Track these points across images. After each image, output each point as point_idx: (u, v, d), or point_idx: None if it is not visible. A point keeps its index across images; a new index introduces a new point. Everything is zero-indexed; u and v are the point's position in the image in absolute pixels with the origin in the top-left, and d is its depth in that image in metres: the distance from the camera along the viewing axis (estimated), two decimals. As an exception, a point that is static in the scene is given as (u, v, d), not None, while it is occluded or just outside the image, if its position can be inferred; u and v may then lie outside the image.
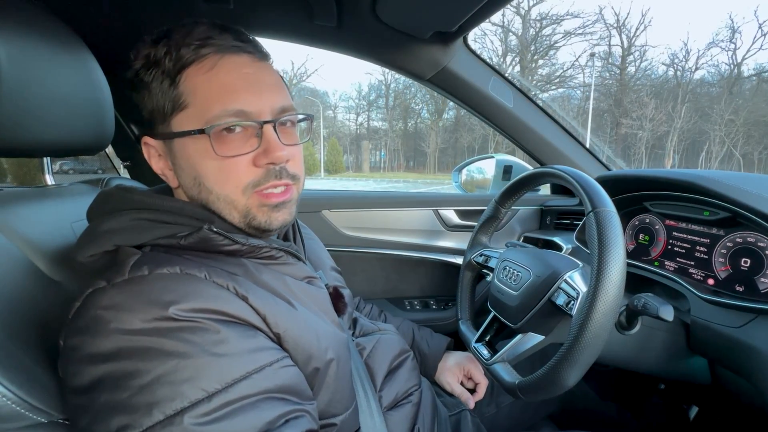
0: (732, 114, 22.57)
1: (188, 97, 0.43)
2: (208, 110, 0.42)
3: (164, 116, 0.44)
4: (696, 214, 0.72)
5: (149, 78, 0.43)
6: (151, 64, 0.43)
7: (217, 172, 0.44)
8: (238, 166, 0.44)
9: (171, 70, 0.42)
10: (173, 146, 0.45)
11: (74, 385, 0.35)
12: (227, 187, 0.44)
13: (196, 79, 0.42)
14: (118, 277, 0.38)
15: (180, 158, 0.45)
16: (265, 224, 0.46)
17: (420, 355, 0.81)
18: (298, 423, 0.39)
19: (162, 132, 0.45)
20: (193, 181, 0.45)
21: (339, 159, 29.94)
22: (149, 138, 0.47)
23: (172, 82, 0.42)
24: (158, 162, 0.48)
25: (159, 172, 0.49)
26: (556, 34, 25.89)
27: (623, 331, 0.60)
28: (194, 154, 0.44)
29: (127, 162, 1.22)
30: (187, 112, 0.43)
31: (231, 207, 0.45)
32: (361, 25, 0.84)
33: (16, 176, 3.25)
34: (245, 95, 0.43)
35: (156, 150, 0.48)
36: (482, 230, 0.82)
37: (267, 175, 0.45)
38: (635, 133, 24.27)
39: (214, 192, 0.44)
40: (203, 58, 0.42)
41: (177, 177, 0.47)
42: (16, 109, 0.44)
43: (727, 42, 24.73)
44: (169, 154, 0.47)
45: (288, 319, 0.44)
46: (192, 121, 0.43)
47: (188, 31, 0.43)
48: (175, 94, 0.43)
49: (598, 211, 0.51)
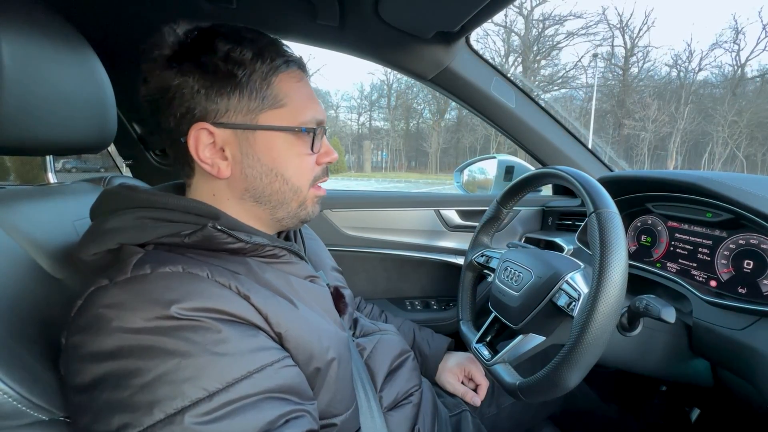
0: (735, 115, 22.48)
1: (284, 98, 0.47)
2: (301, 114, 0.49)
3: (249, 110, 0.46)
4: (698, 216, 0.72)
5: (239, 72, 0.45)
6: (238, 61, 0.44)
7: (297, 166, 0.50)
8: (310, 163, 0.51)
9: (266, 71, 0.46)
10: (252, 137, 0.47)
11: (75, 383, 0.35)
12: (302, 179, 0.51)
13: (289, 86, 0.48)
14: (121, 275, 0.38)
15: (260, 149, 0.47)
16: (311, 214, 0.54)
17: (421, 356, 0.81)
18: (298, 423, 0.39)
19: (240, 123, 0.46)
20: (268, 170, 0.48)
21: (341, 159, 29.96)
22: (209, 125, 0.45)
23: (265, 82, 0.46)
24: (207, 150, 0.46)
25: (206, 161, 0.46)
26: (558, 34, 25.86)
27: (625, 333, 0.59)
28: (280, 147, 0.48)
29: (129, 160, 1.22)
30: (282, 110, 0.48)
31: (295, 197, 0.51)
32: (363, 24, 0.84)
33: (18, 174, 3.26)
34: (319, 107, 0.51)
35: (212, 137, 0.46)
36: (484, 231, 0.82)
37: (324, 172, 0.54)
38: (638, 134, 24.21)
39: (289, 182, 0.50)
40: (291, 70, 0.49)
41: (240, 166, 0.47)
42: (19, 107, 0.44)
43: (730, 43, 24.65)
44: (236, 144, 0.46)
45: (290, 318, 0.44)
46: (285, 119, 0.48)
47: (273, 41, 0.48)
48: (269, 94, 0.47)
49: (600, 212, 0.51)
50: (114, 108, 0.59)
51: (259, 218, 0.51)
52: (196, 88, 0.44)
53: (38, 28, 0.47)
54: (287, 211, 0.51)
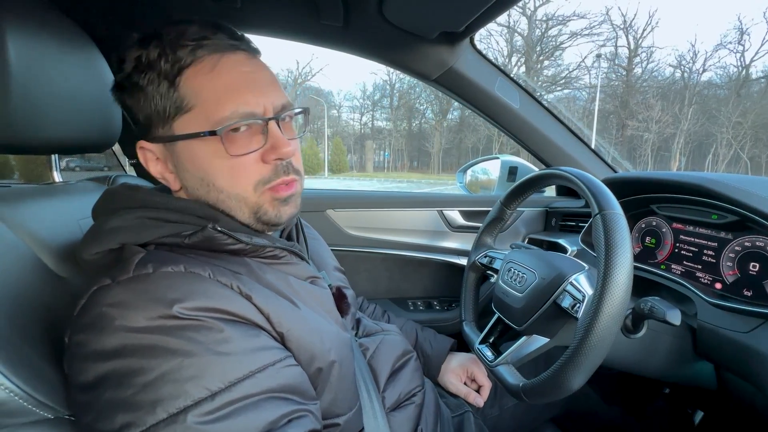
0: (740, 116, 22.36)
1: (192, 99, 0.42)
2: (215, 112, 0.42)
3: (164, 119, 0.43)
4: (704, 218, 0.71)
5: (144, 81, 0.42)
6: (144, 66, 0.42)
7: (228, 172, 0.44)
8: (248, 163, 0.44)
9: (169, 72, 0.42)
10: (176, 149, 0.44)
11: (79, 381, 0.35)
12: (239, 185, 0.45)
13: (197, 81, 0.42)
14: (123, 274, 0.38)
15: (185, 160, 0.44)
16: (275, 218, 0.47)
17: (423, 356, 0.81)
18: (300, 423, 0.39)
19: (162, 135, 0.44)
20: (200, 181, 0.45)
21: (343, 159, 29.96)
22: (146, 142, 0.46)
23: (171, 85, 0.42)
24: (156, 166, 0.47)
25: (158, 176, 0.48)
26: (562, 34, 25.80)
27: (629, 335, 0.59)
28: (202, 155, 0.44)
29: (133, 160, 1.22)
30: (191, 114, 0.43)
31: (242, 204, 0.46)
32: (367, 24, 0.84)
33: (23, 173, 3.27)
34: (249, 95, 0.43)
35: (153, 154, 0.46)
36: (487, 231, 0.82)
37: (276, 172, 0.46)
38: (641, 134, 24.12)
39: (224, 191, 0.45)
40: (201, 59, 0.42)
41: (180, 179, 0.47)
42: (26, 106, 0.44)
43: (735, 44, 24.56)
44: (170, 157, 0.46)
45: (291, 318, 0.44)
46: (198, 123, 0.42)
47: (181, 31, 0.42)
48: (176, 97, 0.42)
49: (605, 214, 0.51)
50: (119, 107, 0.59)
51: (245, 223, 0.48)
52: (127, 105, 0.45)
53: (44, 28, 0.47)
54: (245, 218, 0.46)
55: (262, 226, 0.48)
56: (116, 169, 1.63)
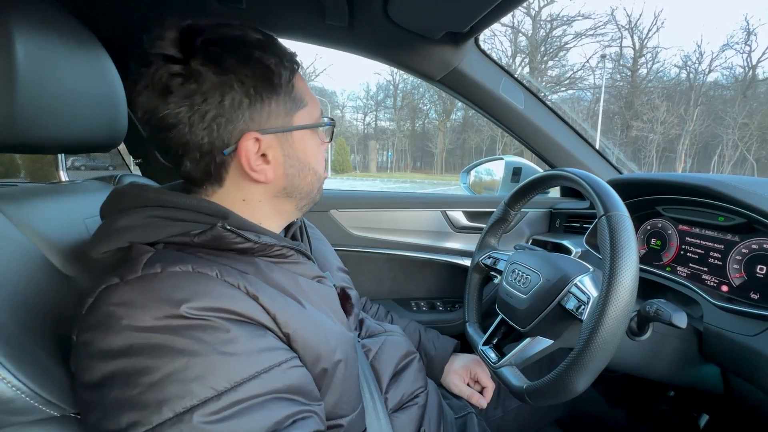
0: (746, 117, 22.16)
1: (305, 97, 0.50)
2: (316, 110, 0.52)
3: (286, 113, 0.48)
4: (710, 220, 0.71)
5: (275, 78, 0.46)
6: (268, 66, 0.45)
7: (320, 158, 0.55)
8: (324, 152, 0.56)
9: (290, 74, 0.48)
10: (291, 138, 0.49)
11: (85, 380, 0.35)
12: (321, 167, 0.55)
13: (303, 85, 0.51)
14: (131, 274, 0.38)
15: (298, 148, 0.50)
16: (319, 197, 0.57)
17: (426, 358, 0.80)
18: (305, 423, 0.39)
19: (282, 125, 0.48)
20: (304, 167, 0.51)
21: (346, 159, 29.99)
22: (258, 134, 0.45)
23: (290, 84, 0.48)
24: (256, 160, 0.46)
25: (255, 169, 0.46)
26: (566, 35, 25.68)
27: (634, 337, 0.59)
28: (312, 144, 0.52)
29: (138, 159, 1.23)
30: (306, 109, 0.50)
31: (319, 183, 0.55)
32: (372, 25, 0.84)
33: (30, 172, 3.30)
34: None
35: (260, 145, 0.46)
36: (491, 232, 0.82)
37: None
38: (646, 135, 23.96)
39: (317, 174, 0.54)
40: (297, 68, 0.50)
41: (282, 167, 0.49)
42: (33, 106, 0.44)
43: (741, 44, 24.29)
44: (278, 147, 0.48)
45: (298, 318, 0.44)
46: (309, 117, 0.51)
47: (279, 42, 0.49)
48: (296, 95, 0.49)
49: (610, 215, 0.50)
50: (125, 107, 0.60)
51: (283, 212, 0.53)
52: (237, 98, 0.43)
53: (51, 28, 0.48)
54: (311, 198, 0.55)
55: (310, 207, 0.56)
56: (121, 169, 1.64)
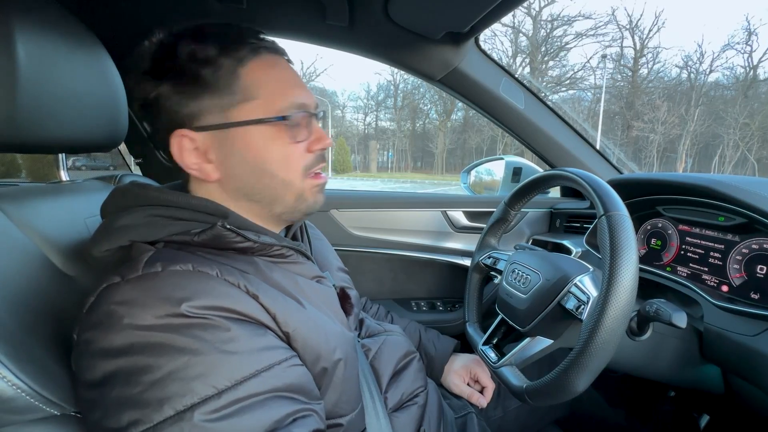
0: (747, 118, 22.12)
1: (255, 90, 0.45)
2: (277, 102, 0.46)
3: (221, 108, 0.45)
4: (710, 220, 0.71)
5: (204, 72, 0.44)
6: (202, 59, 0.44)
7: (282, 158, 0.48)
8: (298, 151, 0.48)
9: (233, 65, 0.45)
10: (229, 135, 0.46)
11: (86, 379, 0.35)
12: (291, 170, 0.48)
13: (260, 74, 0.46)
14: (132, 273, 0.38)
15: (239, 147, 0.46)
16: (312, 206, 0.52)
17: (426, 357, 0.80)
18: (305, 422, 0.39)
19: (214, 123, 0.45)
20: (251, 168, 0.47)
21: (347, 159, 29.98)
22: (188, 131, 0.45)
23: (233, 76, 0.45)
24: (191, 156, 0.46)
25: (192, 167, 0.47)
26: (567, 35, 25.66)
27: (634, 337, 0.59)
28: (260, 141, 0.46)
29: (139, 159, 1.23)
30: (254, 103, 0.46)
31: (288, 190, 0.49)
32: (373, 25, 0.84)
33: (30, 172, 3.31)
34: (302, 90, 0.49)
35: (193, 143, 0.46)
36: (491, 232, 0.82)
37: (317, 160, 0.51)
38: (647, 136, 23.93)
39: (277, 176, 0.48)
40: (261, 56, 0.46)
41: (223, 168, 0.47)
42: (33, 106, 0.44)
43: (743, 44, 24.26)
44: (215, 146, 0.46)
45: (297, 318, 0.44)
46: (260, 111, 0.46)
47: (240, 31, 0.47)
48: (239, 87, 0.45)
49: (610, 215, 0.50)
50: (125, 107, 0.60)
51: (259, 216, 0.50)
52: (169, 95, 0.45)
53: (52, 27, 0.48)
54: (285, 206, 0.50)
55: (297, 215, 0.52)
56: (122, 168, 1.64)
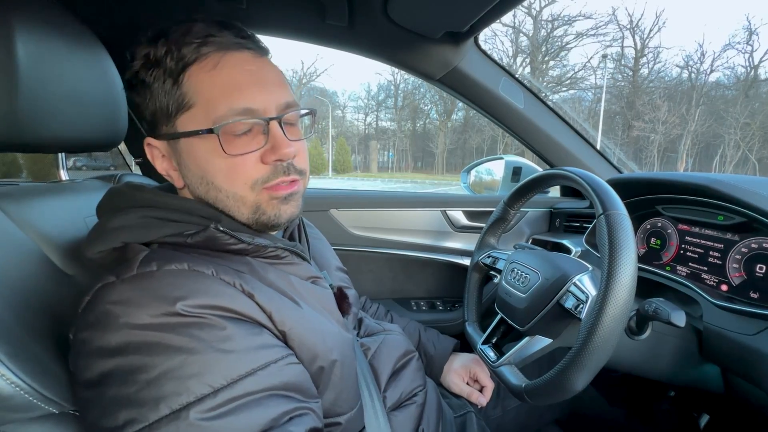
0: (748, 117, 22.10)
1: (193, 96, 0.42)
2: (215, 109, 0.42)
3: (168, 117, 0.44)
4: (710, 219, 0.71)
5: (150, 78, 0.43)
6: (151, 64, 0.43)
7: (226, 171, 0.44)
8: (247, 163, 0.44)
9: (173, 69, 0.42)
10: (179, 146, 0.45)
11: (83, 378, 0.35)
12: (236, 184, 0.44)
13: (199, 78, 0.42)
14: (127, 272, 0.38)
15: (186, 158, 0.45)
16: (274, 218, 0.47)
17: (426, 357, 0.80)
18: (302, 421, 0.39)
19: (166, 132, 0.45)
20: (200, 180, 0.45)
21: (347, 159, 29.99)
22: (152, 139, 0.47)
23: (174, 82, 0.42)
24: (162, 163, 0.48)
25: (164, 173, 0.48)
26: (567, 35, 25.66)
27: (633, 337, 0.59)
28: (202, 154, 0.44)
29: (139, 159, 1.23)
30: (192, 112, 0.43)
31: (240, 204, 0.45)
32: (372, 24, 0.84)
33: (30, 171, 3.31)
34: (250, 92, 0.43)
35: (160, 151, 0.47)
36: (490, 232, 0.82)
37: (275, 172, 0.45)
38: (647, 135, 23.90)
39: (223, 190, 0.45)
40: (205, 57, 0.42)
41: (183, 177, 0.47)
42: (34, 105, 0.45)
43: (743, 44, 24.24)
44: (173, 155, 0.46)
45: (293, 317, 0.44)
46: (198, 120, 0.43)
47: (187, 29, 0.42)
48: (179, 94, 0.42)
49: (609, 214, 0.50)
50: (125, 106, 0.60)
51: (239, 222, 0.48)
52: (135, 103, 0.45)
53: (52, 27, 0.48)
54: (245, 218, 0.46)
55: (262, 227, 0.48)
56: (122, 168, 1.64)
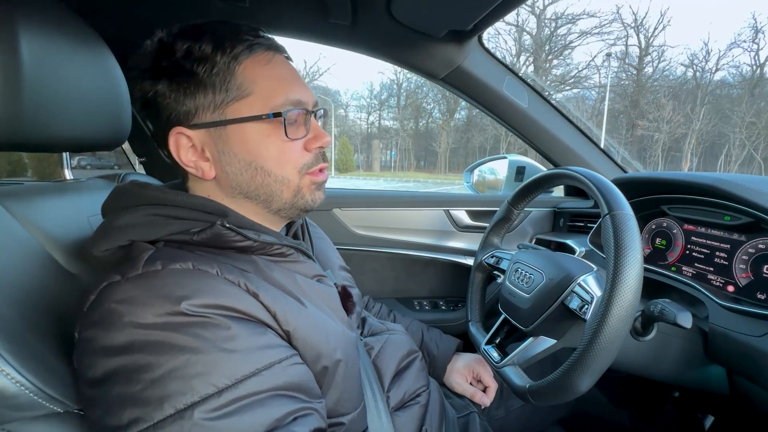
0: (753, 116, 21.91)
1: (249, 86, 0.45)
2: (272, 98, 0.46)
3: (215, 106, 0.45)
4: (716, 219, 0.70)
5: (199, 69, 0.44)
6: (197, 56, 0.44)
7: (278, 154, 0.47)
8: (295, 149, 0.48)
9: (228, 62, 0.44)
10: (225, 133, 0.46)
11: (88, 377, 0.36)
12: (287, 167, 0.48)
13: (255, 71, 0.46)
14: (132, 271, 0.38)
15: (234, 144, 0.46)
16: (310, 203, 0.51)
17: (429, 357, 0.80)
18: (306, 421, 0.39)
19: (210, 120, 0.45)
20: (247, 165, 0.47)
21: (350, 158, 29.98)
22: (185, 128, 0.46)
23: (228, 73, 0.45)
24: (189, 153, 0.47)
25: (189, 165, 0.47)
26: (571, 33, 25.50)
27: (638, 338, 0.58)
28: (256, 138, 0.46)
29: (142, 158, 1.24)
30: (248, 99, 0.45)
31: (284, 187, 0.49)
32: (375, 23, 0.84)
33: (35, 171, 3.33)
34: (298, 87, 0.48)
35: (190, 141, 0.46)
36: (494, 231, 0.82)
37: (316, 158, 0.51)
38: (651, 135, 23.75)
39: (272, 173, 0.48)
40: (257, 53, 0.46)
41: (220, 165, 0.47)
42: (38, 105, 0.45)
43: (749, 42, 23.99)
44: (212, 143, 0.46)
45: (298, 316, 0.44)
46: (255, 108, 0.45)
47: (236, 28, 0.46)
48: (233, 84, 0.45)
49: (614, 214, 0.50)
50: (128, 106, 0.60)
51: (258, 213, 0.50)
52: (166, 93, 0.45)
53: (56, 27, 0.48)
54: (282, 203, 0.49)
55: (295, 212, 0.51)
56: (126, 167, 1.65)
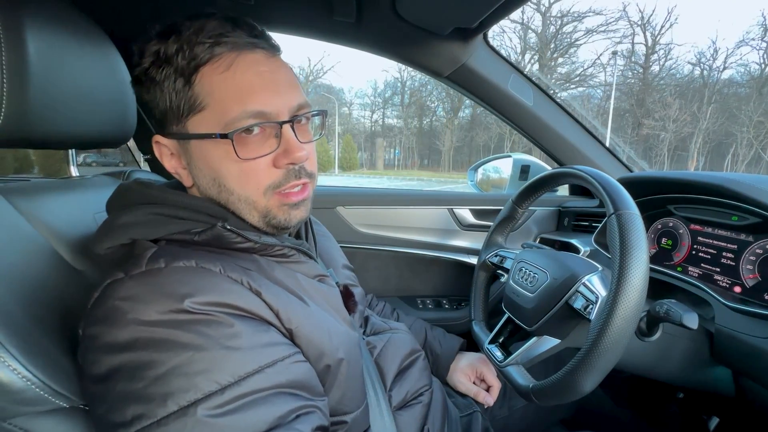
0: (761, 115, 21.66)
1: (205, 98, 0.42)
2: (227, 112, 0.41)
3: (179, 117, 0.43)
4: (723, 219, 0.69)
5: (161, 76, 0.41)
6: (162, 61, 0.41)
7: (238, 175, 0.44)
8: (259, 167, 0.44)
9: (185, 68, 0.41)
10: (189, 147, 0.45)
11: (92, 373, 0.36)
12: (248, 188, 0.44)
13: (212, 79, 0.41)
14: (136, 269, 0.38)
15: (197, 159, 0.45)
16: (284, 222, 0.47)
17: (432, 356, 0.80)
18: (308, 418, 0.39)
19: (176, 132, 0.44)
20: (212, 181, 0.45)
21: (353, 156, 29.98)
22: (161, 137, 0.46)
23: (186, 82, 0.41)
24: (170, 161, 0.47)
25: (172, 171, 0.48)
26: (577, 31, 25.33)
27: (643, 338, 0.58)
28: (213, 157, 0.43)
29: (147, 155, 1.24)
30: (204, 114, 0.42)
31: (251, 207, 0.45)
32: (380, 20, 0.83)
33: (42, 168, 3.36)
34: (263, 95, 0.42)
35: (168, 149, 0.47)
36: (498, 230, 0.81)
37: (287, 176, 0.45)
38: (657, 134, 23.56)
39: (234, 193, 0.45)
40: (218, 57, 0.41)
41: (192, 176, 0.47)
42: (44, 102, 0.45)
43: (758, 40, 23.70)
44: (183, 154, 0.46)
45: (300, 315, 0.44)
46: (210, 123, 0.42)
47: (200, 26, 0.41)
48: (190, 95, 0.42)
49: (620, 214, 0.49)
50: (134, 103, 0.60)
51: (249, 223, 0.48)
52: (144, 100, 0.45)
53: (63, 25, 0.48)
54: (254, 220, 0.46)
55: (271, 229, 0.48)
56: (131, 165, 1.66)
